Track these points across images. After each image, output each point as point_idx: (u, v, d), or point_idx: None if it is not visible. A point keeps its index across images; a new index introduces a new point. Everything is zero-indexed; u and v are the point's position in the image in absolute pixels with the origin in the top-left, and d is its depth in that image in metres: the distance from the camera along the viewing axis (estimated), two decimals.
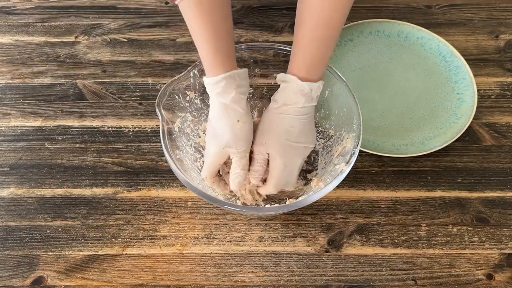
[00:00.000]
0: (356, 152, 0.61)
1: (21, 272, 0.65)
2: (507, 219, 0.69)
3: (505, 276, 0.64)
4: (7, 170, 0.73)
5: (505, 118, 0.78)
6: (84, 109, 0.79)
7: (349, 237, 0.68)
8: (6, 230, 0.68)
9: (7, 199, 0.71)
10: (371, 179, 0.72)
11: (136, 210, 0.70)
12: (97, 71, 0.84)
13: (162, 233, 0.68)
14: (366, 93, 0.80)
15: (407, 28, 0.85)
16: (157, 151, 0.75)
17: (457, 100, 0.78)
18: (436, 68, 0.82)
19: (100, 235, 0.68)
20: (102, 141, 0.76)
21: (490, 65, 0.84)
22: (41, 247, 0.67)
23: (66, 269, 0.65)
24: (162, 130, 0.63)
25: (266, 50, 0.71)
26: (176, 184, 0.72)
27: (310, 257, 0.66)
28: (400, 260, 0.66)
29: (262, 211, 0.61)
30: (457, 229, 0.68)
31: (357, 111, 0.64)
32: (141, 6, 0.92)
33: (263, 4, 0.92)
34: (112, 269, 0.65)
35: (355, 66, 0.83)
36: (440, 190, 0.71)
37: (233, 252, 0.67)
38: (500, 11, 0.91)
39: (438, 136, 0.74)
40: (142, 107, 0.79)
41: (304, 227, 0.68)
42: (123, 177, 0.73)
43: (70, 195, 0.71)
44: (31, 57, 0.85)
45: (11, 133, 0.77)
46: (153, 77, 0.83)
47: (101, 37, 0.88)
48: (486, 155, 0.74)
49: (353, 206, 0.70)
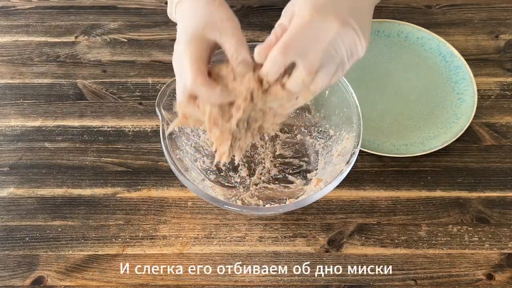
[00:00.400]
0: (356, 152, 0.61)
1: (21, 272, 0.65)
2: (507, 219, 0.69)
3: (505, 276, 0.64)
4: (7, 170, 0.73)
5: (505, 118, 0.78)
6: (84, 109, 0.79)
7: (349, 237, 0.68)
8: (6, 230, 0.68)
9: (7, 199, 0.71)
10: (371, 179, 0.72)
11: (136, 210, 0.70)
12: (97, 71, 0.84)
13: (162, 233, 0.68)
14: (366, 93, 0.80)
15: (407, 28, 0.85)
16: (157, 151, 0.75)
17: (457, 100, 0.78)
18: (436, 68, 0.82)
19: (100, 235, 0.68)
20: (102, 141, 0.76)
21: (490, 65, 0.84)
22: (41, 247, 0.67)
23: (66, 269, 0.65)
24: (162, 130, 0.63)
25: None
26: (176, 184, 0.72)
27: (310, 257, 0.66)
28: (400, 260, 0.66)
29: (262, 211, 0.61)
30: (457, 229, 0.68)
31: (357, 111, 0.64)
32: (141, 6, 0.92)
33: (263, 4, 0.92)
34: (112, 269, 0.65)
35: (355, 66, 0.81)
36: (440, 190, 0.71)
37: (233, 252, 0.67)
38: (500, 11, 0.91)
39: (438, 136, 0.74)
40: (142, 107, 0.79)
41: (304, 227, 0.68)
42: (123, 177, 0.73)
43: (70, 195, 0.71)
44: (31, 57, 0.85)
45: (11, 133, 0.77)
46: (153, 77, 0.83)
47: (101, 37, 0.88)
48: (486, 155, 0.74)
49: (353, 206, 0.70)
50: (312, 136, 0.73)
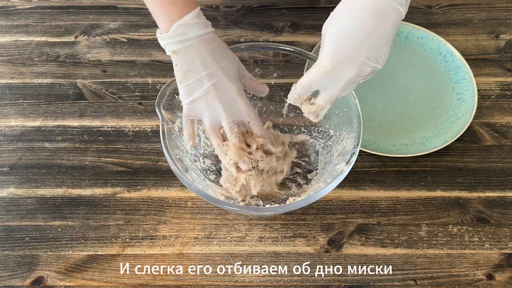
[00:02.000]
0: (356, 152, 0.61)
1: (21, 272, 0.65)
2: (507, 219, 0.69)
3: (505, 276, 0.64)
4: (7, 170, 0.73)
5: (505, 118, 0.78)
6: (84, 109, 0.79)
7: (349, 237, 0.68)
8: (6, 230, 0.68)
9: (7, 199, 0.71)
10: (371, 179, 0.72)
11: (136, 210, 0.70)
12: (97, 71, 0.84)
13: (162, 233, 0.68)
14: (366, 93, 0.80)
15: (407, 28, 0.85)
16: (157, 151, 0.75)
17: (457, 100, 0.78)
18: (436, 68, 0.82)
19: (100, 235, 0.68)
20: (102, 141, 0.76)
21: (490, 65, 0.84)
22: (41, 247, 0.67)
23: (66, 269, 0.65)
24: (162, 130, 0.63)
25: (266, 50, 0.71)
26: (176, 184, 0.72)
27: (310, 257, 0.66)
28: (400, 260, 0.66)
29: (262, 211, 0.61)
30: (457, 229, 0.68)
31: (357, 111, 0.64)
32: (141, 6, 0.92)
33: (263, 4, 0.92)
34: (112, 269, 0.65)
35: None
36: (440, 190, 0.71)
37: (233, 252, 0.67)
38: (500, 11, 0.91)
39: (438, 136, 0.74)
40: (142, 107, 0.79)
41: (304, 227, 0.68)
42: (123, 177, 0.72)
43: (70, 195, 0.71)
44: (31, 57, 0.85)
45: (11, 133, 0.77)
46: (153, 77, 0.83)
47: (101, 37, 0.88)
48: (486, 155, 0.74)
49: (353, 206, 0.70)
50: (312, 136, 0.73)
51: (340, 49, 0.52)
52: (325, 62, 0.53)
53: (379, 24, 0.51)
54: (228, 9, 0.92)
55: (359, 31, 0.52)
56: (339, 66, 0.53)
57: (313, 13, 0.90)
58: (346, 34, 0.52)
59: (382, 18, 0.51)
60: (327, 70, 0.54)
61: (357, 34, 0.52)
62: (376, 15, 0.51)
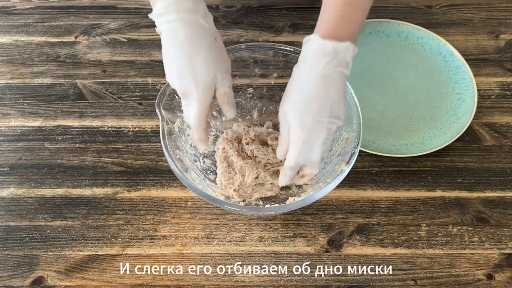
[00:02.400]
0: (356, 152, 0.61)
1: (21, 272, 0.65)
2: (507, 219, 0.69)
3: (505, 276, 0.64)
4: (7, 170, 0.73)
5: (505, 118, 0.78)
6: (84, 109, 0.79)
7: (349, 237, 0.68)
8: (6, 230, 0.68)
9: (7, 199, 0.71)
10: (371, 179, 0.72)
11: (136, 210, 0.70)
12: (97, 71, 0.84)
13: (162, 233, 0.68)
14: (366, 93, 0.80)
15: (407, 28, 0.85)
16: (157, 151, 0.75)
17: (457, 100, 0.78)
18: (436, 68, 0.82)
19: (100, 235, 0.68)
20: (102, 141, 0.76)
21: (490, 65, 0.84)
22: (41, 247, 0.67)
23: (66, 269, 0.65)
24: (162, 130, 0.63)
25: (266, 50, 0.71)
26: (176, 184, 0.72)
27: (310, 257, 0.66)
28: (400, 260, 0.66)
29: (262, 211, 0.61)
30: (457, 229, 0.68)
31: (357, 111, 0.64)
32: (141, 6, 0.92)
33: (263, 4, 0.92)
34: (112, 269, 0.65)
35: (355, 66, 0.82)
36: (440, 190, 0.71)
37: (233, 252, 0.67)
38: (500, 11, 0.91)
39: (438, 136, 0.74)
40: (142, 107, 0.79)
41: (304, 227, 0.68)
42: (123, 177, 0.73)
43: (70, 195, 0.71)
44: (31, 57, 0.85)
45: (11, 133, 0.77)
46: (153, 77, 0.83)
47: (101, 37, 0.88)
48: (486, 155, 0.74)
49: (353, 206, 0.70)
50: None
51: (305, 119, 0.58)
52: (299, 135, 0.58)
53: (331, 89, 0.57)
54: (228, 9, 0.92)
55: (315, 99, 0.57)
56: (312, 132, 0.58)
57: (313, 13, 0.90)
58: (307, 105, 0.58)
59: (331, 83, 0.57)
60: (303, 140, 0.58)
61: (315, 102, 0.57)
62: (326, 84, 0.57)
